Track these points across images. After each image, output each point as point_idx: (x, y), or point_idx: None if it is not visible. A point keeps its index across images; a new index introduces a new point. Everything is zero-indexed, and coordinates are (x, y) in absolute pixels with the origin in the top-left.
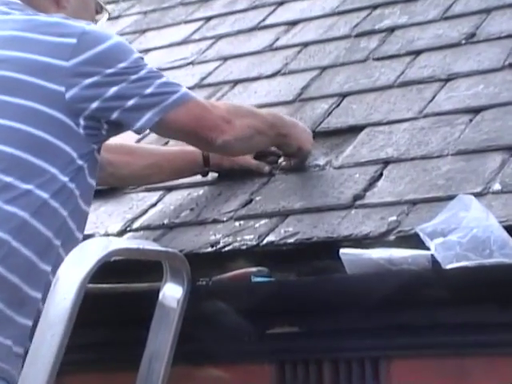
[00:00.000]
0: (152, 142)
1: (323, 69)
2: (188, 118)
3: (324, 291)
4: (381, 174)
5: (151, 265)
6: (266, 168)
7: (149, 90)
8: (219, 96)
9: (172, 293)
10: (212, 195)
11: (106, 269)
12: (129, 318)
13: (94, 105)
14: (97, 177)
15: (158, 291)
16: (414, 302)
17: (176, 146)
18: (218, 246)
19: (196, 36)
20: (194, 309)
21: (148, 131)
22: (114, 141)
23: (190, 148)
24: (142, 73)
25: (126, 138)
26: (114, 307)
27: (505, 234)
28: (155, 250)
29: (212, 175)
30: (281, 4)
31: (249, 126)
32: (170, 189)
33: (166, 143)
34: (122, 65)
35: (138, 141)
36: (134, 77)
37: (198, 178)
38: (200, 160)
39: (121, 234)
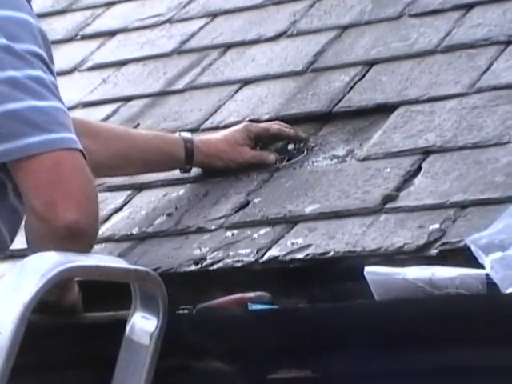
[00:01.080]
0: (122, 123)
1: (343, 29)
2: None
3: (344, 323)
4: (419, 168)
5: (115, 288)
6: (271, 157)
7: None
8: (205, 65)
9: (143, 325)
10: (196, 196)
11: None
12: (85, 358)
13: None
14: None
15: (124, 323)
16: (464, 338)
17: (152, 131)
18: (204, 264)
19: None
20: (172, 346)
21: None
22: (74, 115)
23: (170, 136)
24: None
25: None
26: (66, 344)
27: None
28: (121, 269)
29: (196, 170)
30: None
31: None
32: (140, 188)
33: (138, 125)
34: None
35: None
36: None
37: (178, 173)
38: (181, 154)
39: None
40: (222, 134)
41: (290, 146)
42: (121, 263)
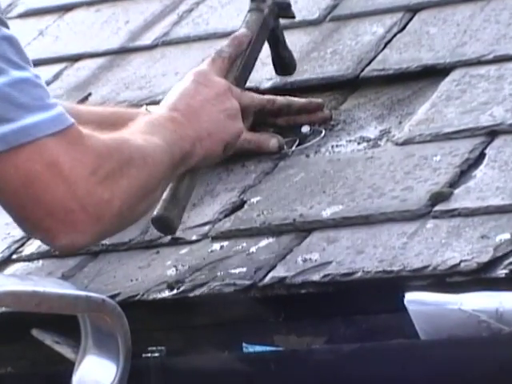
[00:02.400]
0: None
1: None
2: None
3: (376, 370)
4: (482, 156)
5: (58, 320)
6: (273, 141)
7: None
8: (183, 11)
9: (97, 375)
10: None
11: None
12: None
13: None
14: None
15: (70, 372)
16: None
17: (108, 105)
18: (182, 289)
19: None
20: None
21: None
22: None
23: (134, 111)
24: None
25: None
26: None
27: None
28: (66, 296)
29: None
30: None
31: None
32: None
33: (89, 96)
34: None
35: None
36: None
37: None
38: None
39: (1, 264)
40: None
41: (305, 128)
42: (66, 288)
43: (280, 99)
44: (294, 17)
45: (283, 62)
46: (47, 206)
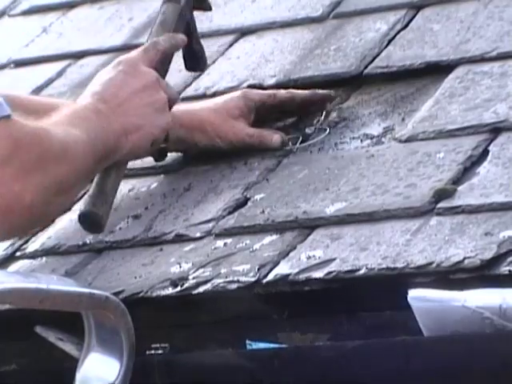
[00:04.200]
0: (70, 89)
1: None
2: None
3: (380, 367)
4: (485, 153)
5: (62, 318)
6: (276, 137)
7: None
8: None
9: (100, 372)
10: (174, 191)
11: None
12: None
13: None
14: None
15: (74, 369)
16: None
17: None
18: (186, 286)
19: None
20: None
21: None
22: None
23: None
24: None
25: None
26: None
27: None
28: (70, 293)
29: (174, 155)
30: None
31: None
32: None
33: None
34: None
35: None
36: None
37: (149, 159)
38: None
39: (5, 262)
40: (210, 102)
41: (317, 120)
42: (69, 285)
43: (281, 93)
44: (210, 9)
45: (194, 57)
46: None
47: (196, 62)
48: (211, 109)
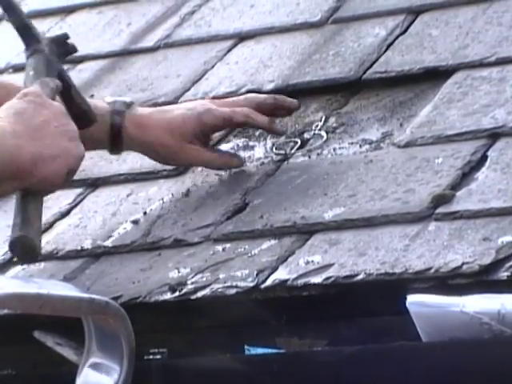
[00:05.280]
0: None
1: None
2: None
3: (378, 372)
4: (484, 158)
5: (60, 322)
6: (235, 161)
7: None
8: (185, 13)
9: (100, 377)
10: (173, 196)
11: None
12: None
13: None
14: None
15: (73, 374)
16: None
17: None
18: (184, 291)
19: None
20: None
21: None
22: None
23: (95, 102)
24: None
25: None
26: None
27: None
28: (69, 298)
29: None
30: None
31: None
32: (94, 184)
33: (91, 97)
34: None
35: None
36: None
37: (147, 164)
38: (103, 135)
39: (3, 267)
40: (168, 116)
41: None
42: (69, 290)
43: (237, 117)
44: (75, 51)
45: (81, 110)
46: None
47: (85, 115)
48: (165, 128)
